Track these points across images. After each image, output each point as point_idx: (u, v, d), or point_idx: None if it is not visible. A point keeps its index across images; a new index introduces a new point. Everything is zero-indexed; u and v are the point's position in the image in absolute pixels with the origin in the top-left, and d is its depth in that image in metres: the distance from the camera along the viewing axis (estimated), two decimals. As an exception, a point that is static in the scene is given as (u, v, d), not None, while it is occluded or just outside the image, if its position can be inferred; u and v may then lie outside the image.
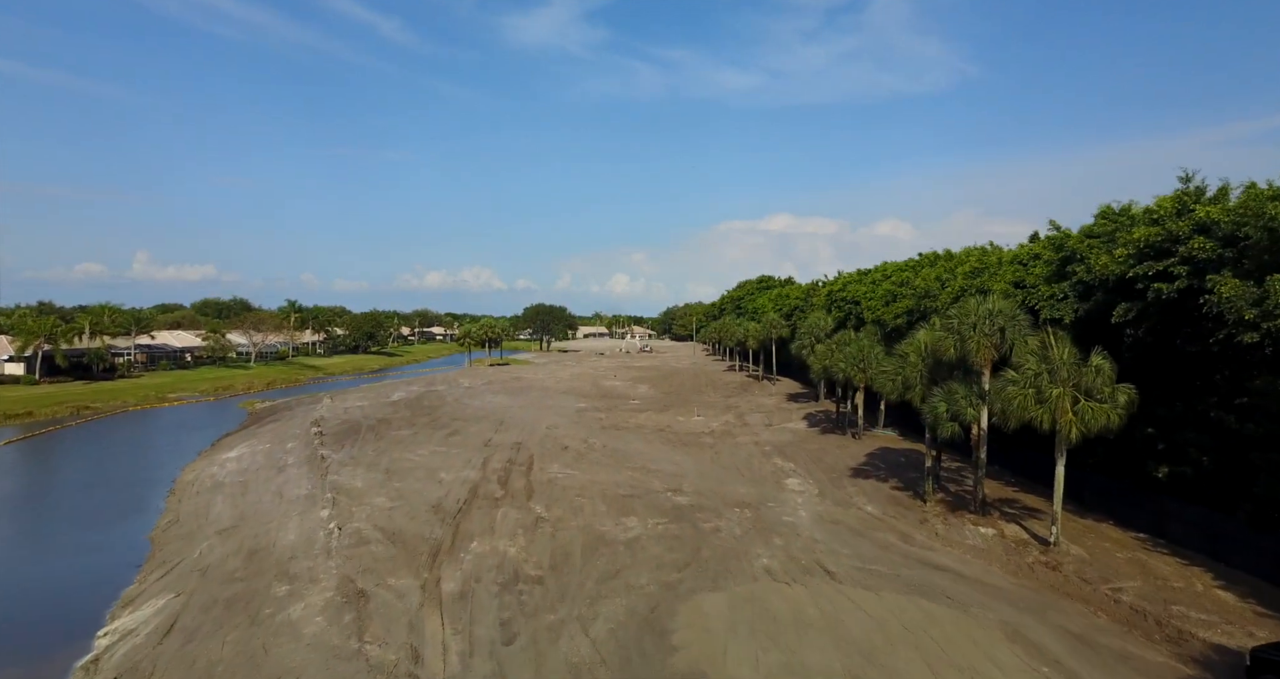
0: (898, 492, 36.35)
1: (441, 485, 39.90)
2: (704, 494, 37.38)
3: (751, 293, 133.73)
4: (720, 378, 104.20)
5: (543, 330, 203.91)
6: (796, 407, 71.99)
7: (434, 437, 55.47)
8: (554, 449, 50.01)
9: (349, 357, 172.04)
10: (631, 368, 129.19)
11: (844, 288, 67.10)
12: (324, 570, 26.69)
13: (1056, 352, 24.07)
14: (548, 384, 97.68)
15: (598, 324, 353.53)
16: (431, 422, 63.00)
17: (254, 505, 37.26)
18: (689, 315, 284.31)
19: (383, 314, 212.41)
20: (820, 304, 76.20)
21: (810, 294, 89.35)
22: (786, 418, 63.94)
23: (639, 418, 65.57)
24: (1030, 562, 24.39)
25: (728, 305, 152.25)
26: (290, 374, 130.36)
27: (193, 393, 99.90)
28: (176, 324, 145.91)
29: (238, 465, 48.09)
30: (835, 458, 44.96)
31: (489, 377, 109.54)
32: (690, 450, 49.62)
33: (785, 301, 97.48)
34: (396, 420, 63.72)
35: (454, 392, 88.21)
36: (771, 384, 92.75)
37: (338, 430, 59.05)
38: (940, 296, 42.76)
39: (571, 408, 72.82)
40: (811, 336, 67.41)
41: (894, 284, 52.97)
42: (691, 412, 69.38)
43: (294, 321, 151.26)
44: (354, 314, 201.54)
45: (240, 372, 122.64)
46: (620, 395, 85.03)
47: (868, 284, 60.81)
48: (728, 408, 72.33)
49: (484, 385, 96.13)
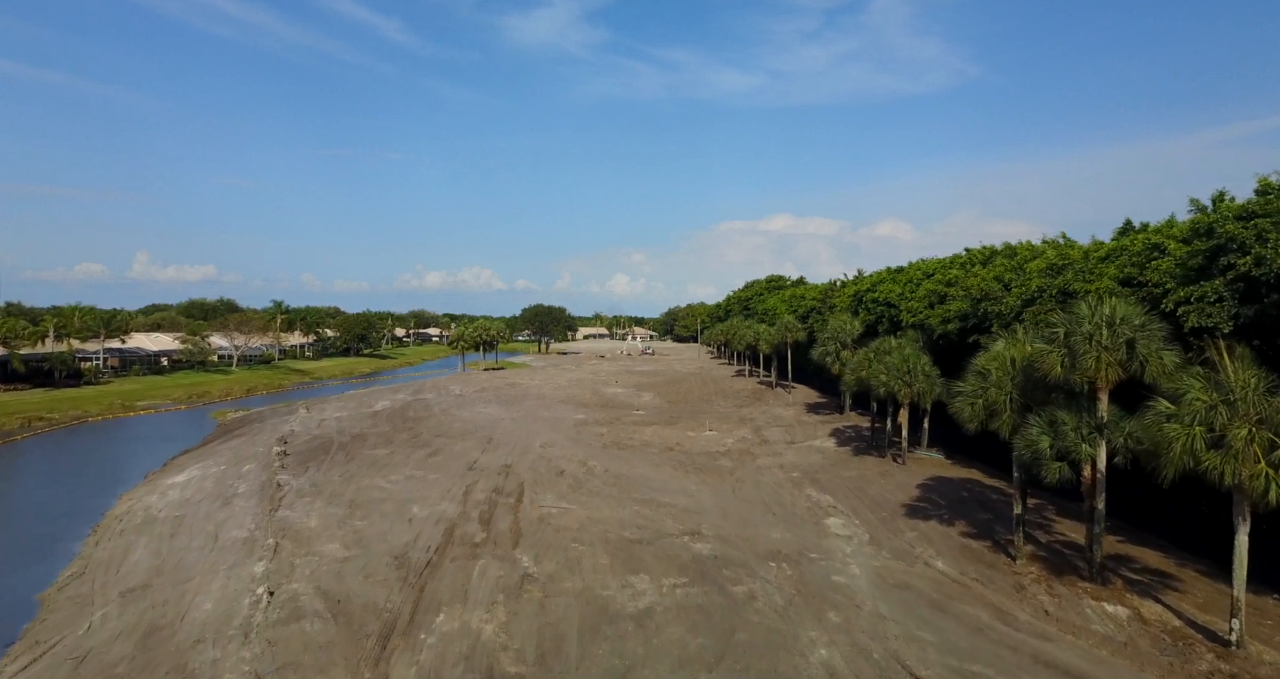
0: (970, 540, 29.53)
1: (411, 525, 33.17)
2: (728, 539, 30.64)
3: (761, 293, 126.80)
4: (730, 384, 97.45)
5: (541, 332, 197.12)
6: (819, 420, 65.23)
7: (412, 457, 48.73)
8: (548, 474, 43.27)
9: (340, 359, 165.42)
10: (634, 372, 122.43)
11: (874, 288, 60.29)
12: (233, 666, 19.94)
13: (1235, 375, 17.36)
14: (544, 391, 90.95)
15: (598, 325, 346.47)
16: (412, 438, 56.24)
17: (180, 553, 30.52)
18: (692, 316, 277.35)
19: (375, 315, 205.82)
20: (843, 305, 69.42)
21: (828, 295, 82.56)
22: (810, 434, 57.16)
23: (644, 433, 58.81)
24: (1206, 672, 17.57)
25: (734, 306, 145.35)
26: (274, 379, 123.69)
27: (164, 401, 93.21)
28: (156, 326, 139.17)
29: (181, 494, 41.39)
30: (881, 489, 38.16)
31: (482, 383, 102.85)
32: (706, 476, 42.88)
33: (800, 303, 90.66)
34: (373, 436, 56.97)
35: (442, 401, 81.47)
36: (787, 392, 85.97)
37: (305, 449, 52.30)
38: (1005, 300, 35.97)
39: (569, 420, 66.08)
40: (836, 342, 60.69)
41: (938, 283, 46.19)
42: (702, 425, 62.63)
43: (280, 323, 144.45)
44: (346, 315, 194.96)
45: (220, 377, 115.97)
46: (623, 405, 78.28)
47: (903, 284, 54.03)
48: (742, 420, 65.57)
49: (475, 393, 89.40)
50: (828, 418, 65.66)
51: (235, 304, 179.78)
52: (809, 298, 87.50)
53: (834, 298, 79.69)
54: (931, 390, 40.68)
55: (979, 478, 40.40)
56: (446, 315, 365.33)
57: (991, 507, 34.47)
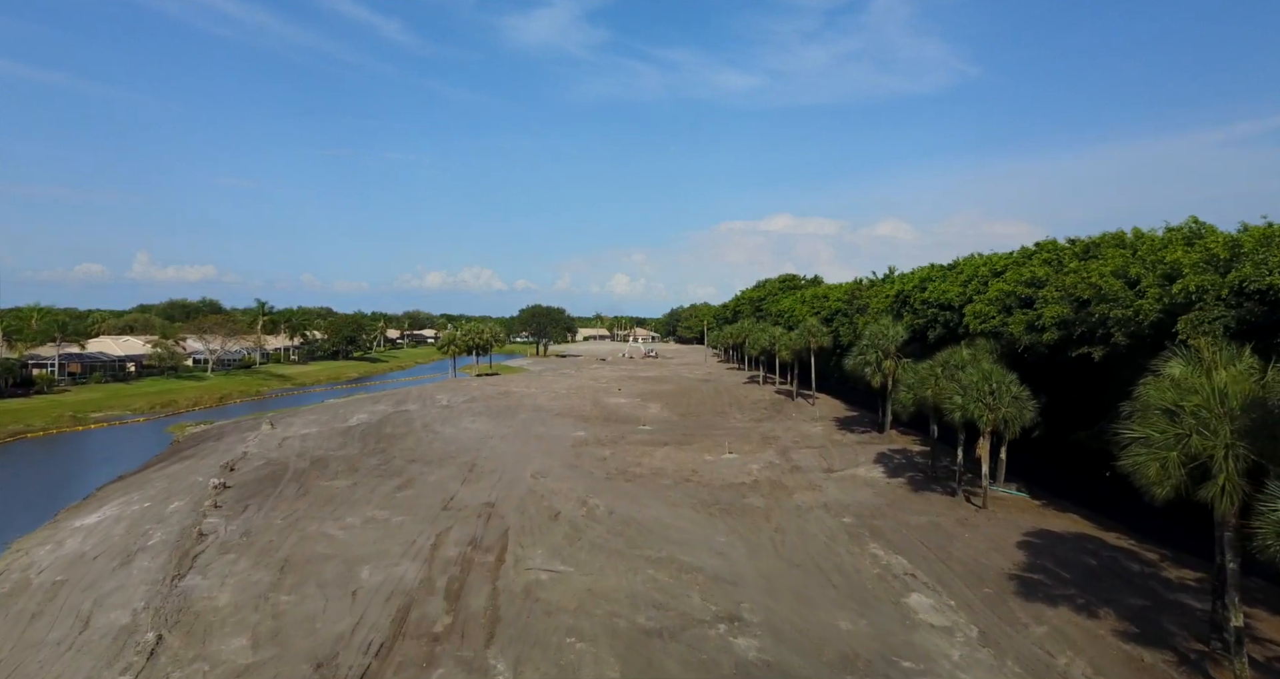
0: (1136, 645, 20.92)
1: (355, 602, 24.92)
2: (781, 632, 22.35)
3: (774, 293, 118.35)
4: (744, 393, 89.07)
5: (539, 334, 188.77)
6: (856, 441, 56.90)
7: (377, 492, 40.48)
8: (540, 517, 35.01)
9: (327, 363, 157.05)
10: (637, 378, 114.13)
11: (922, 286, 51.88)
12: None
13: None
14: (540, 401, 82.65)
15: (598, 326, 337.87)
16: (382, 463, 47.95)
17: (23, 653, 22.21)
18: (696, 317, 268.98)
19: (366, 316, 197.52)
20: (878, 307, 61.15)
21: (855, 295, 74.26)
22: (851, 459, 48.86)
23: (654, 456, 50.53)
24: None
25: (744, 307, 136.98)
26: (252, 385, 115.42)
27: (123, 412, 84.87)
28: (129, 329, 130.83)
29: (81, 544, 33.15)
30: (969, 548, 29.71)
31: (473, 391, 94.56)
32: (735, 521, 34.60)
33: (822, 304, 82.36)
34: (337, 462, 48.69)
35: (426, 413, 73.16)
36: (809, 404, 77.62)
37: (252, 479, 44.04)
38: (1139, 304, 27.62)
39: (567, 439, 57.79)
40: (876, 350, 52.41)
41: (1016, 283, 37.76)
42: (720, 445, 54.35)
43: (262, 325, 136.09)
44: (334, 317, 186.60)
45: (192, 384, 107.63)
46: (627, 418, 70.01)
47: (962, 282, 45.61)
48: (765, 439, 57.28)
49: (465, 404, 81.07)
50: (865, 438, 57.30)
51: (219, 305, 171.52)
52: (833, 299, 79.17)
53: (863, 298, 71.40)
54: (1021, 415, 32.44)
55: (1094, 532, 31.83)
56: (444, 316, 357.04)
57: (1140, 585, 25.76)
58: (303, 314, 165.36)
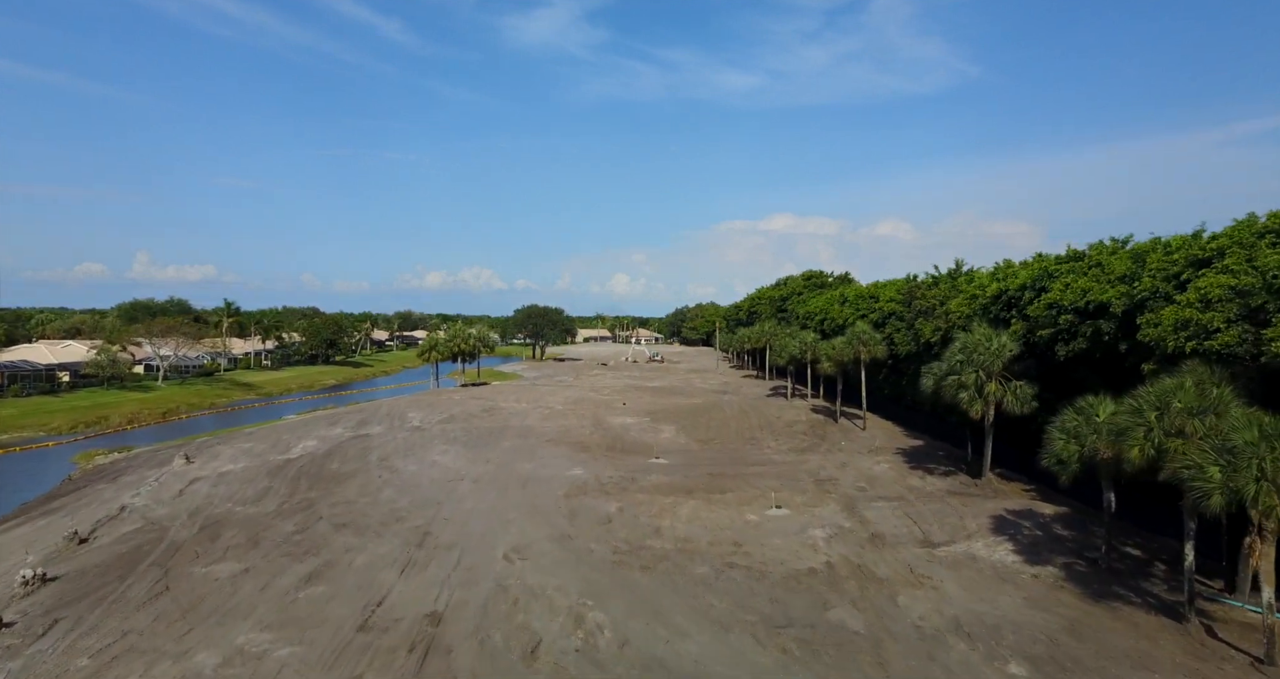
0: None
1: None
2: None
3: (799, 292, 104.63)
4: (774, 411, 75.53)
5: (536, 336, 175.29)
6: (942, 487, 43.50)
7: (274, 586, 27.14)
8: (507, 655, 21.61)
9: (302, 369, 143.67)
10: (644, 388, 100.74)
11: (1040, 285, 38.24)
12: None
13: None
14: (530, 421, 69.27)
15: (599, 326, 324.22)
16: (299, 530, 34.56)
17: None
18: (702, 317, 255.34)
19: (349, 316, 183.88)
20: (962, 311, 47.73)
21: (913, 295, 60.80)
22: (952, 522, 35.44)
23: (678, 514, 37.15)
24: None
25: (763, 307, 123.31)
26: (207, 396, 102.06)
27: (35, 433, 71.67)
28: (77, 331, 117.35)
29: None
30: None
31: (453, 406, 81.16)
32: (826, 664, 21.16)
33: (868, 306, 68.88)
34: (237, 526, 35.33)
35: (390, 439, 59.76)
36: (858, 427, 64.11)
37: (100, 561, 30.68)
38: None
39: (559, 481, 44.45)
40: (977, 370, 39.00)
41: (1244, 273, 24.24)
42: (762, 493, 41.06)
43: (228, 327, 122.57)
44: (318, 317, 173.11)
45: (135, 396, 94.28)
46: (636, 445, 56.66)
47: (1116, 281, 31.96)
48: (820, 483, 43.93)
49: (440, 424, 67.69)
50: (956, 485, 43.74)
51: (187, 304, 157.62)
52: (883, 300, 65.61)
53: (926, 299, 57.97)
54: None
55: None
56: (439, 316, 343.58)
57: None
58: (275, 315, 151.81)
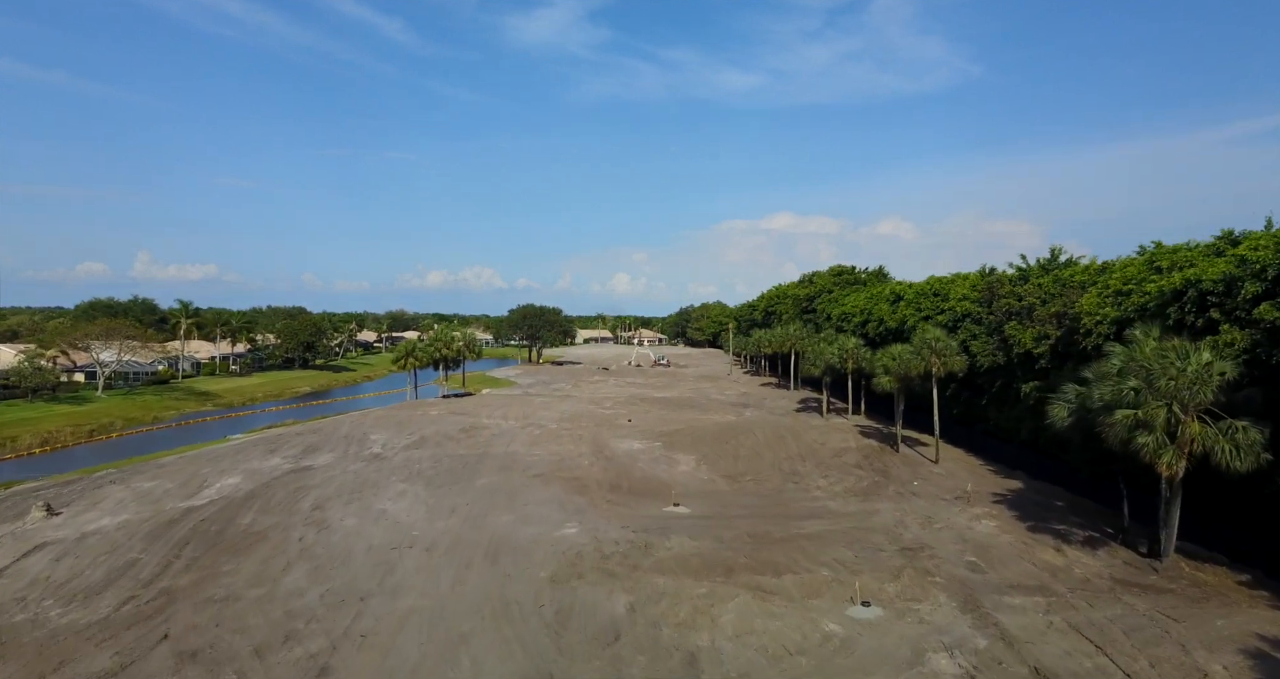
0: None
1: None
2: None
3: (828, 290, 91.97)
4: (814, 435, 62.59)
5: (532, 337, 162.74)
6: (1103, 567, 31.09)
7: None
8: None
9: (275, 375, 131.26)
10: (651, 400, 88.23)
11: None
12: None
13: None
14: (516, 447, 56.80)
15: (600, 327, 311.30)
16: (109, 674, 21.96)
17: None
18: (708, 318, 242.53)
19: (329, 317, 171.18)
20: (1108, 313, 35.15)
21: (995, 292, 48.29)
22: (1172, 654, 22.92)
23: (719, 621, 24.66)
24: None
25: (783, 307, 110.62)
26: (155, 408, 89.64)
27: (-86, 460, 59.26)
28: (13, 334, 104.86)
29: None
30: None
31: (427, 424, 68.66)
32: None
33: (935, 305, 56.19)
34: (15, 656, 22.72)
35: (336, 474, 47.24)
36: (925, 458, 51.47)
37: None
38: None
39: (545, 551, 31.96)
40: (1168, 403, 26.56)
41: None
42: (838, 578, 28.55)
43: (186, 329, 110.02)
44: (298, 318, 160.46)
45: (65, 409, 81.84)
46: (647, 486, 44.22)
47: None
48: (907, 554, 31.45)
49: (406, 450, 55.22)
50: (1121, 566, 30.95)
51: (153, 304, 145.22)
52: (953, 298, 52.96)
53: (1010, 298, 45.44)
54: None
55: None
56: (434, 315, 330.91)
57: None
58: (243, 316, 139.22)
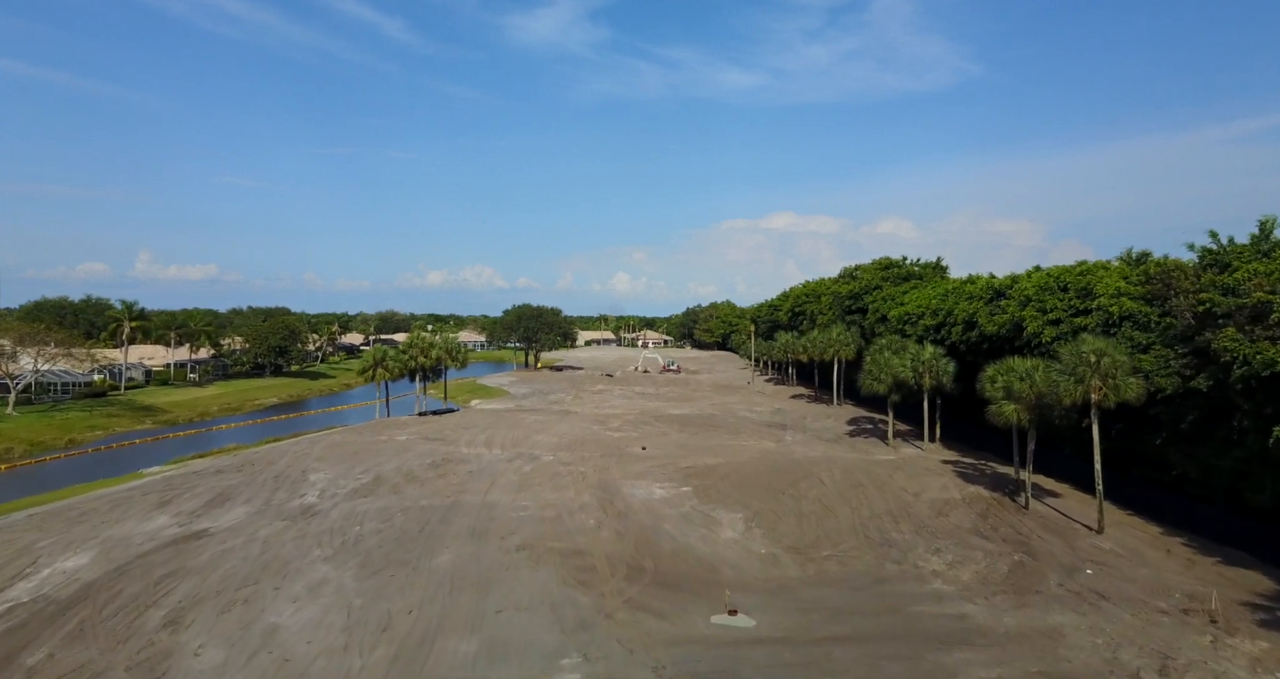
0: None
1: None
2: None
3: (877, 286, 77.50)
4: (892, 475, 48.27)
5: (528, 341, 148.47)
6: None
7: None
8: None
9: (241, 383, 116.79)
10: (668, 418, 73.93)
11: None
12: None
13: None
14: (497, 494, 42.59)
15: (602, 328, 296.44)
16: None
17: None
18: (716, 318, 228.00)
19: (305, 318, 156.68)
20: None
21: (1171, 285, 34.08)
22: None
23: None
24: None
25: (815, 307, 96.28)
26: (76, 427, 75.12)
27: None
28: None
29: None
30: None
31: (388, 458, 54.40)
32: None
33: (1077, 304, 41.72)
34: None
35: (234, 548, 32.96)
36: (1076, 524, 37.03)
37: None
38: None
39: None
40: None
41: None
42: None
43: (129, 332, 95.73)
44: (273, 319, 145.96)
45: (-44, 430, 67.48)
46: (681, 571, 30.14)
47: None
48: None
49: (349, 498, 41.01)
50: None
51: (108, 303, 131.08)
52: (1104, 294, 38.42)
53: (1215, 292, 31.15)
54: None
55: None
56: (428, 315, 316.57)
57: None
58: (201, 316, 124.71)
